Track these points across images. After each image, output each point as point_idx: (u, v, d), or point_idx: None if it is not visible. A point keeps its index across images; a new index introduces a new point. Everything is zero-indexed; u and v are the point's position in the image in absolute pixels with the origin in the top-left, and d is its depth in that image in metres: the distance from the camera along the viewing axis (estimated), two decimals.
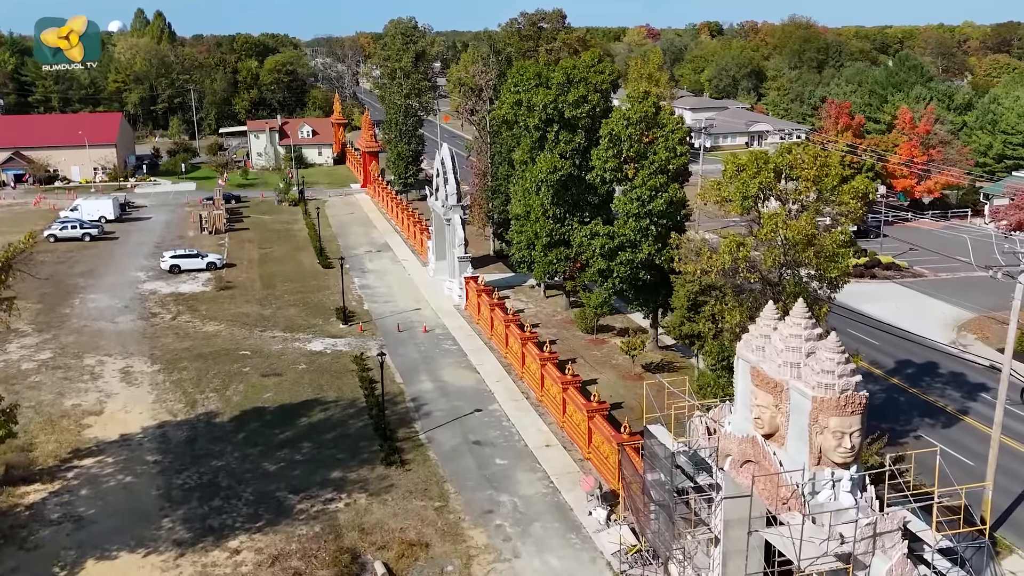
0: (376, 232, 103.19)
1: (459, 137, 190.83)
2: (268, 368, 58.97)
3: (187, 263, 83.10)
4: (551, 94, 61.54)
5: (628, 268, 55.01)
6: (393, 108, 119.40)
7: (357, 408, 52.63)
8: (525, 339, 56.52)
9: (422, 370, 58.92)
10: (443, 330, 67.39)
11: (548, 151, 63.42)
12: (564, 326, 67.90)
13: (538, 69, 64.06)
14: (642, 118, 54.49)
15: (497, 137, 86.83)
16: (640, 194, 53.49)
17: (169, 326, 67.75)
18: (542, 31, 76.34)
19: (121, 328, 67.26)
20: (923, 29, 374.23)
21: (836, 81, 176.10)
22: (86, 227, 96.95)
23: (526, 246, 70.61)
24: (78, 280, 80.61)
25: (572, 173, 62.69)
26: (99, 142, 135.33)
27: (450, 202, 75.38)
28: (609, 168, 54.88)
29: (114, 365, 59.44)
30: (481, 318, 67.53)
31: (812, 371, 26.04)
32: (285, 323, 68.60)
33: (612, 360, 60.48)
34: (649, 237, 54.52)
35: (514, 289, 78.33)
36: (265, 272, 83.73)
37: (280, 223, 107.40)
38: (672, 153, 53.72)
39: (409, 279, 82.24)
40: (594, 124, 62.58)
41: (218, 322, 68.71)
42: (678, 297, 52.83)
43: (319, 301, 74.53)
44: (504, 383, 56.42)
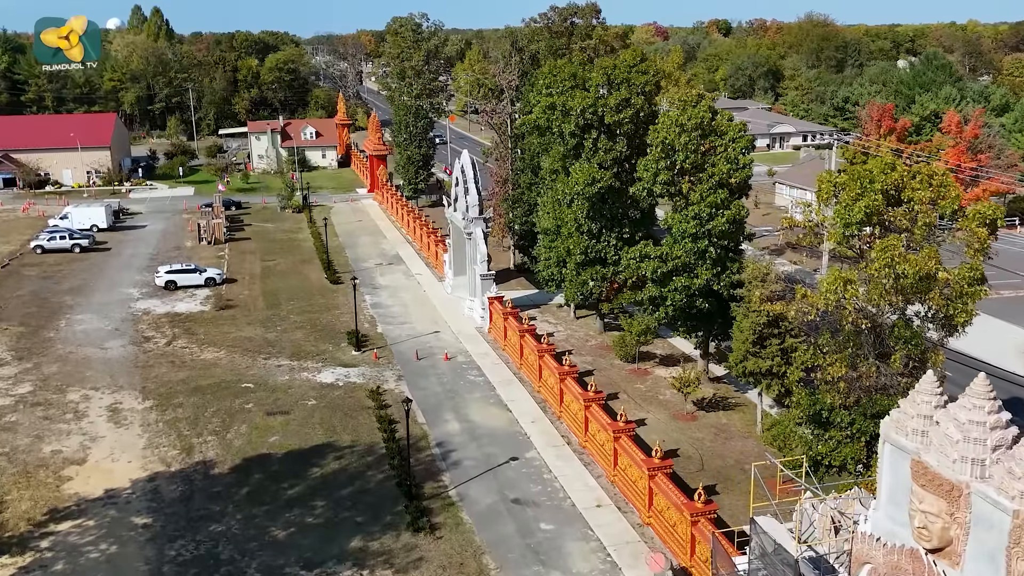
0: (386, 242, 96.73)
1: (467, 138, 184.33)
2: (274, 405, 52.55)
3: (184, 279, 76.64)
4: (589, 97, 55.12)
5: (684, 295, 48.56)
6: (402, 109, 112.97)
7: (376, 455, 46.19)
8: (563, 374, 50.09)
9: (446, 407, 52.49)
10: (466, 357, 60.95)
11: (585, 160, 57.00)
12: (600, 353, 61.45)
13: (573, 70, 57.63)
14: (698, 124, 48.06)
15: (519, 142, 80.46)
16: (698, 211, 47.08)
17: (163, 353, 61.29)
18: (574, 27, 69.96)
19: (110, 355, 60.80)
20: (935, 27, 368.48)
21: (859, 81, 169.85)
22: (76, 237, 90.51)
23: (556, 263, 64.25)
24: (65, 298, 74.11)
25: (613, 185, 56.26)
26: (93, 144, 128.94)
27: (471, 214, 68.95)
28: (661, 181, 48.41)
29: (101, 401, 52.98)
30: (508, 344, 61.11)
31: (1010, 474, 19.60)
32: (291, 349, 62.17)
33: (659, 395, 54.05)
34: (707, 260, 48.08)
35: (540, 309, 71.87)
36: (268, 288, 77.27)
37: (283, 232, 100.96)
38: (733, 165, 47.32)
39: (425, 297, 75.78)
40: (637, 130, 56.22)
41: (217, 348, 62.25)
42: (741, 328, 46.42)
43: (328, 323, 68.08)
44: (540, 424, 49.97)
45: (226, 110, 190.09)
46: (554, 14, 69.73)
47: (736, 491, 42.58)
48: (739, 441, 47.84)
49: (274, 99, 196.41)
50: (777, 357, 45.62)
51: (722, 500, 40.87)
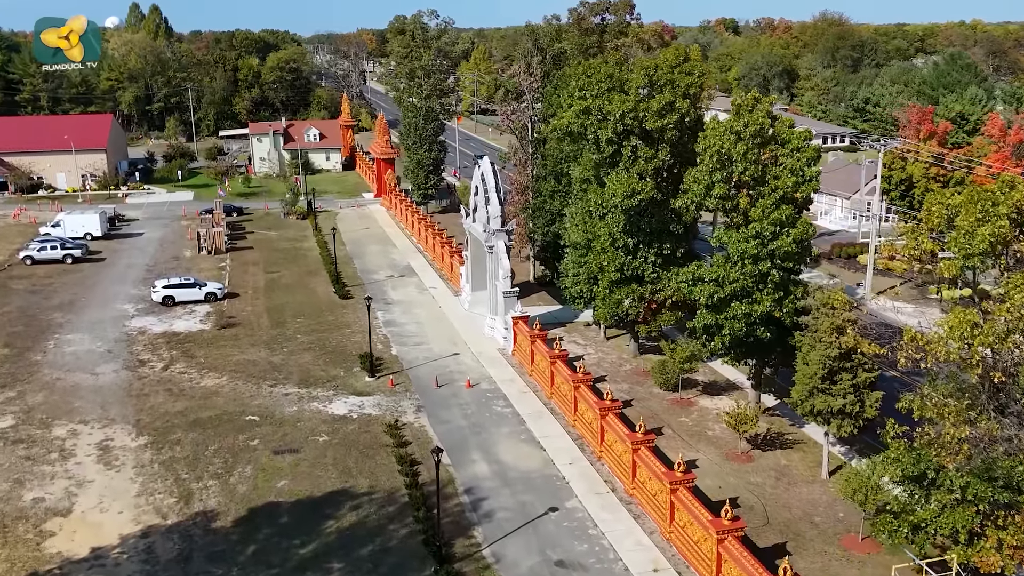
0: (396, 252, 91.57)
1: (475, 140, 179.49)
2: (281, 442, 47.40)
3: (182, 294, 71.46)
4: (629, 101, 49.95)
5: (743, 324, 43.38)
6: (411, 111, 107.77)
7: (397, 504, 41.06)
8: (604, 409, 44.94)
9: (472, 444, 47.33)
10: (490, 384, 55.81)
11: (623, 170, 51.86)
12: (636, 379, 56.30)
13: (610, 70, 52.45)
14: (756, 132, 42.93)
15: (540, 147, 75.37)
16: (760, 229, 41.90)
17: (160, 379, 56.13)
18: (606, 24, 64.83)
19: (102, 382, 55.63)
20: (944, 27, 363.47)
21: (879, 81, 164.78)
22: (68, 247, 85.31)
23: (586, 280, 59.15)
24: (55, 315, 68.92)
25: (654, 197, 51.12)
26: (88, 146, 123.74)
27: (493, 226, 63.79)
28: (716, 196, 43.23)
29: (90, 437, 47.81)
30: (536, 369, 56.00)
31: None
32: (299, 374, 57.03)
33: (707, 430, 48.91)
34: (768, 284, 42.94)
35: (565, 327, 66.74)
36: (273, 304, 72.09)
37: (287, 240, 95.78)
38: (799, 177, 42.14)
39: (441, 313, 70.61)
40: (681, 137, 51.09)
41: (219, 373, 57.11)
42: (807, 361, 41.34)
43: (338, 343, 62.92)
44: (579, 466, 44.80)
45: (226, 110, 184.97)
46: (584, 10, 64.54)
47: (809, 550, 37.55)
48: (804, 487, 42.74)
49: (275, 99, 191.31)
50: (850, 395, 40.59)
51: (796, 563, 35.82)
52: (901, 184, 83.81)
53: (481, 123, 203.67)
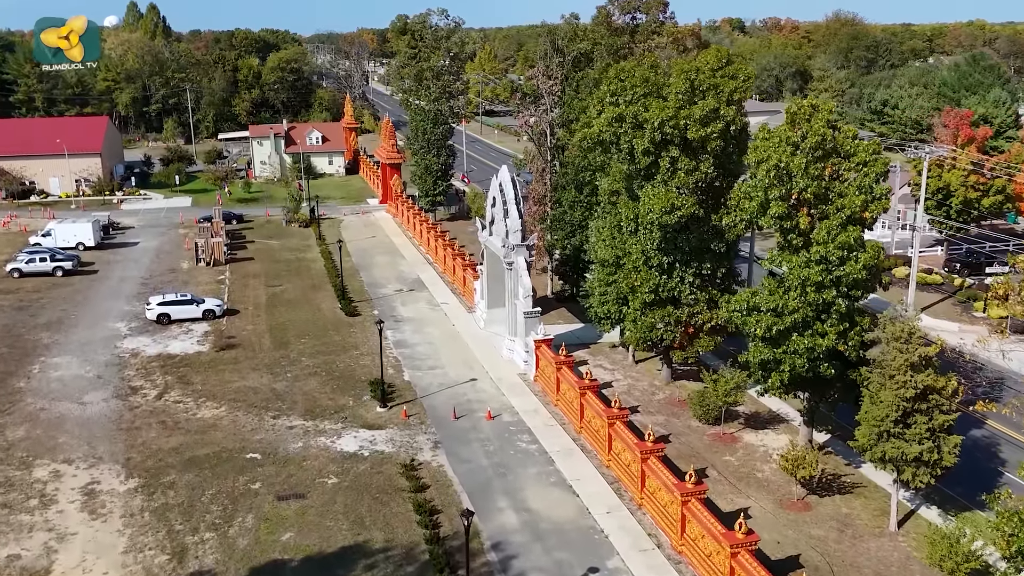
0: (404, 263, 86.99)
1: (479, 142, 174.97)
2: (286, 485, 42.84)
3: (179, 311, 66.88)
4: (669, 107, 45.37)
5: (805, 360, 38.78)
6: (419, 114, 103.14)
7: (417, 564, 36.51)
8: (646, 452, 40.36)
9: (497, 489, 42.75)
10: (512, 415, 51.23)
11: (661, 183, 47.27)
12: (672, 411, 51.74)
13: (645, 73, 47.86)
14: (818, 143, 38.37)
15: (560, 154, 70.89)
16: (825, 253, 37.31)
17: (153, 410, 51.55)
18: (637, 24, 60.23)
19: (89, 413, 51.05)
20: (952, 27, 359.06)
21: (898, 82, 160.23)
22: (58, 259, 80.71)
23: (615, 300, 54.64)
24: (41, 335, 64.34)
25: (696, 214, 46.55)
26: (82, 150, 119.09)
27: (512, 241, 59.23)
28: (773, 215, 38.63)
29: (75, 480, 43.24)
30: (562, 399, 51.44)
31: None
32: (305, 404, 52.47)
33: (755, 471, 44.33)
34: (833, 315, 38.36)
35: (590, 349, 62.20)
36: (276, 322, 67.49)
37: (290, 250, 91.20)
38: (867, 195, 37.58)
39: (455, 332, 66.02)
40: (726, 147, 46.53)
41: (217, 403, 52.55)
42: (876, 401, 36.79)
43: (346, 367, 58.36)
44: (618, 516, 40.20)
45: (226, 112, 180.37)
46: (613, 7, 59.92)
47: None
48: (872, 542, 38.19)
49: (276, 100, 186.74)
50: (926, 440, 36.05)
51: None
52: (938, 192, 79.21)
53: (487, 125, 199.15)
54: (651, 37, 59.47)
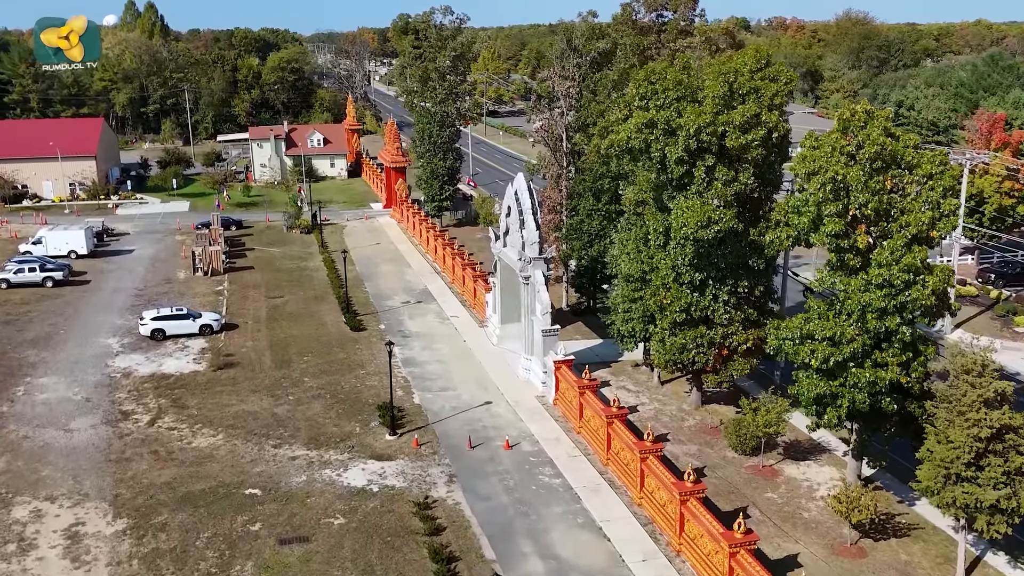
0: (410, 271, 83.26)
1: (483, 143, 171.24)
2: (288, 526, 39.12)
3: (174, 326, 63.14)
4: (706, 113, 41.66)
5: (866, 394, 35.05)
6: (425, 116, 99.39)
7: None
8: (686, 493, 36.63)
9: (520, 531, 39.03)
10: (532, 444, 47.49)
11: (695, 194, 43.54)
12: (704, 439, 48.01)
13: (678, 76, 44.12)
14: (876, 154, 34.67)
15: (576, 160, 67.24)
16: (888, 276, 33.59)
17: (145, 438, 47.82)
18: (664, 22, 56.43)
19: (76, 442, 47.33)
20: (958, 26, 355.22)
21: (913, 83, 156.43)
22: (49, 268, 76.96)
23: (640, 319, 50.97)
24: (28, 352, 60.63)
25: (734, 228, 42.83)
26: (76, 153, 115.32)
27: (529, 253, 55.49)
28: (830, 232, 34.89)
29: (57, 520, 39.52)
30: (585, 426, 47.73)
31: None
32: (308, 430, 48.76)
33: (800, 509, 40.61)
34: (895, 344, 34.64)
35: (610, 367, 58.54)
36: (277, 338, 63.75)
37: (291, 258, 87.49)
38: (936, 211, 33.87)
39: (466, 349, 62.30)
40: (768, 156, 42.84)
41: (214, 429, 48.83)
42: (941, 439, 33.11)
43: (352, 389, 54.66)
44: (655, 565, 36.46)
45: (225, 112, 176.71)
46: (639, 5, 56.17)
47: None
48: None
49: (276, 101, 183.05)
50: (1002, 485, 32.36)
51: None
52: (970, 199, 75.64)
53: (491, 126, 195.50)
54: (680, 36, 55.73)
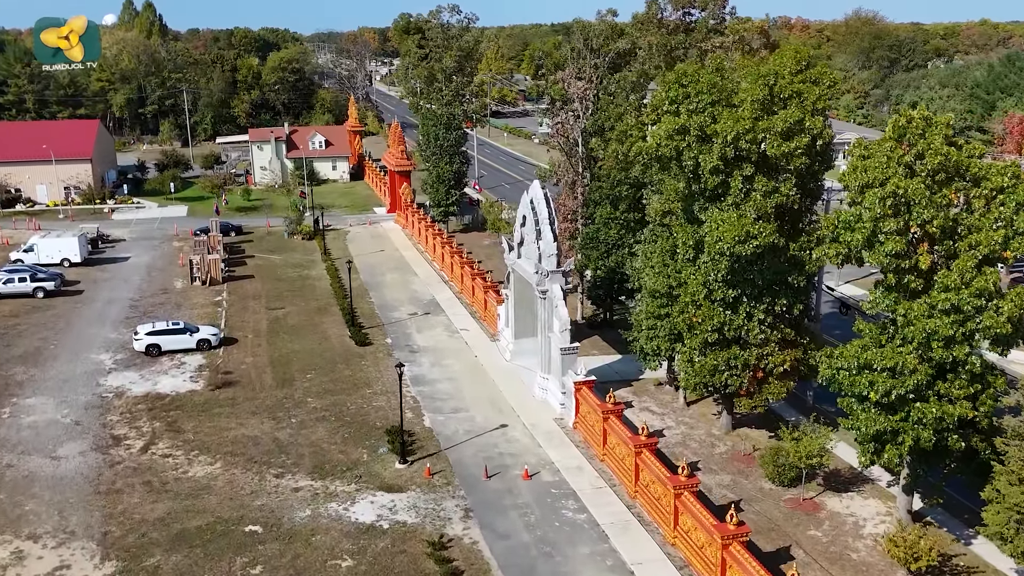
0: (417, 280, 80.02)
1: (487, 144, 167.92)
2: (292, 569, 35.90)
3: (170, 342, 59.91)
4: (745, 118, 38.44)
5: (931, 432, 31.80)
6: (431, 119, 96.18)
7: None
8: (728, 537, 33.42)
9: (544, 574, 35.80)
10: (552, 473, 44.23)
11: (731, 205, 40.31)
12: (737, 467, 44.79)
13: (712, 78, 40.87)
14: (941, 165, 31.45)
15: (593, 165, 64.07)
16: (957, 301, 30.36)
17: (137, 466, 44.59)
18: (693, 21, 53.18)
19: (63, 471, 44.08)
20: (964, 26, 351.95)
21: (927, 83, 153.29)
22: (40, 278, 73.67)
23: (666, 337, 47.78)
24: (15, 369, 57.38)
25: (775, 243, 39.61)
26: (71, 156, 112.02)
27: (547, 266, 52.28)
28: (889, 252, 31.64)
29: (40, 564, 36.29)
30: (610, 454, 44.49)
31: None
32: (312, 458, 45.52)
33: (848, 550, 37.38)
34: (962, 376, 31.41)
35: (632, 386, 55.37)
36: (278, 354, 60.52)
37: (293, 266, 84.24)
38: (1009, 229, 30.63)
39: (477, 365, 59.09)
40: (811, 165, 39.64)
41: (211, 456, 45.60)
42: (1019, 484, 29.88)
43: (358, 410, 51.43)
44: None
45: (224, 113, 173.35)
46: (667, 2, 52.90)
47: None
48: None
49: (276, 101, 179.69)
50: None
51: None
52: None
53: (495, 127, 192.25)
54: (710, 35, 52.51)
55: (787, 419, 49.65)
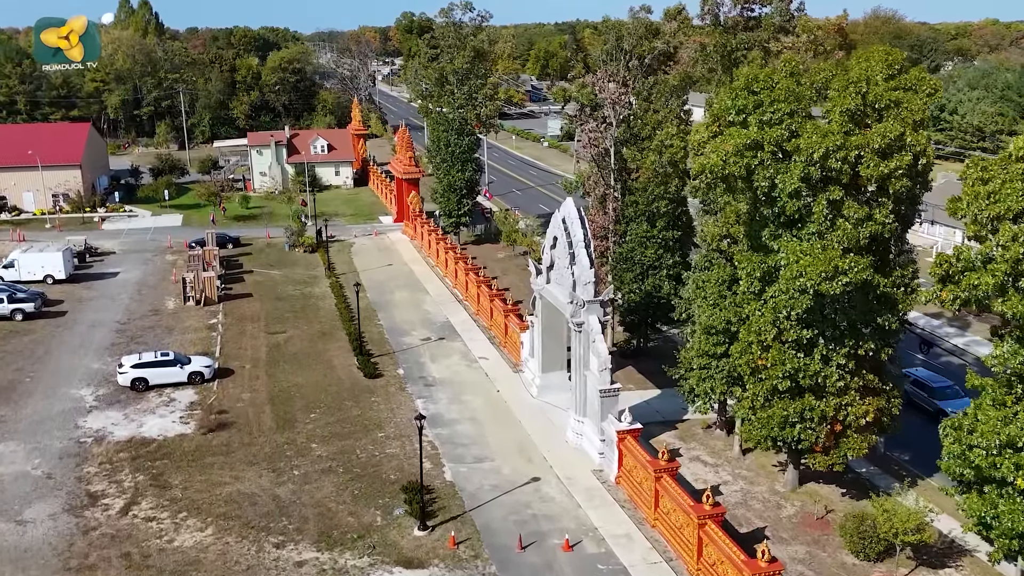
0: (429, 300, 73.84)
1: (495, 148, 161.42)
2: None
3: (158, 375, 53.83)
4: (834, 133, 32.31)
5: None
6: (441, 123, 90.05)
7: None
8: None
9: None
10: (597, 543, 38.09)
11: (815, 234, 34.18)
12: (810, 533, 38.66)
13: (789, 84, 34.73)
14: None
15: (627, 178, 58.06)
16: None
17: (115, 533, 38.46)
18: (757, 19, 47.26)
19: (29, 539, 37.97)
20: (976, 26, 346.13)
21: (955, 85, 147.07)
22: (19, 299, 67.51)
23: (724, 380, 41.70)
24: None
25: (868, 279, 33.47)
26: (59, 162, 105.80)
27: (582, 295, 46.16)
28: None
29: None
30: (662, 519, 38.37)
31: None
32: (318, 521, 39.40)
33: None
34: None
35: (676, 428, 49.27)
36: (278, 388, 54.40)
37: (294, 283, 78.11)
38: None
39: (500, 402, 52.99)
40: (914, 189, 33.51)
41: (202, 520, 39.47)
42: None
43: (370, 459, 45.33)
44: None
45: (223, 115, 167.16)
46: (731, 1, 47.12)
47: None
48: None
49: (276, 103, 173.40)
50: None
51: None
52: None
53: (502, 129, 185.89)
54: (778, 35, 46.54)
55: (858, 471, 43.66)
